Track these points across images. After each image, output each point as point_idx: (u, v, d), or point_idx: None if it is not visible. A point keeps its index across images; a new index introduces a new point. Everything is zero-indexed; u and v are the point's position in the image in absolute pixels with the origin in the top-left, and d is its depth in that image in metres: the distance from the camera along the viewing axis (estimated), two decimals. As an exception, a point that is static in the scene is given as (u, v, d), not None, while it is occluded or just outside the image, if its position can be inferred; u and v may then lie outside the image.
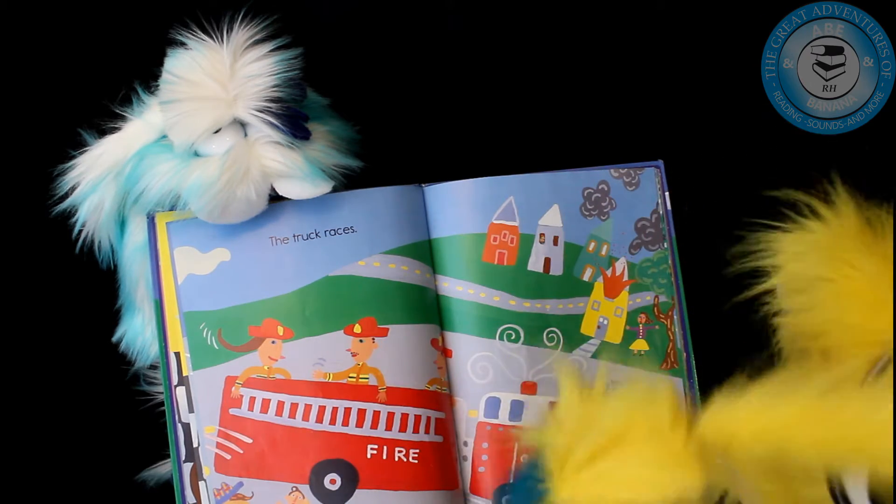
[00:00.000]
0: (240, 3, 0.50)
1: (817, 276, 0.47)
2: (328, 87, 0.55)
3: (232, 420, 0.51)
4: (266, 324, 0.52)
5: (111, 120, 0.53)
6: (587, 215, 0.55)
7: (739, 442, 0.39)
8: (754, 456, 0.39)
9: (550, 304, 0.54)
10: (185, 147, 0.50)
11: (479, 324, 0.54)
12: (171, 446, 0.52)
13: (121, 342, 0.57)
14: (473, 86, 0.64)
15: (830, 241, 0.47)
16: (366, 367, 0.52)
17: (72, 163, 0.53)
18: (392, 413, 0.52)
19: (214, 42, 0.49)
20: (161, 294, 0.53)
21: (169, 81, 0.49)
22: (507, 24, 0.64)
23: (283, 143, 0.50)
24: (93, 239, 0.54)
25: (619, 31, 0.64)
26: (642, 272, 0.55)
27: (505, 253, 0.54)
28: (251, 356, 0.52)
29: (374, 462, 0.51)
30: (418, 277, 0.53)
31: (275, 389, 0.51)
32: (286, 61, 0.49)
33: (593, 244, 0.55)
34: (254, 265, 0.52)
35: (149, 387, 0.57)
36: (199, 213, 0.50)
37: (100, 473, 0.59)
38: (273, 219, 0.52)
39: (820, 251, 0.47)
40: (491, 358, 0.53)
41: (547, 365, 0.53)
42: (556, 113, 0.64)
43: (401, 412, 0.52)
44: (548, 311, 0.54)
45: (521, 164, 0.56)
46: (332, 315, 0.52)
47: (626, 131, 0.63)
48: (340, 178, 0.53)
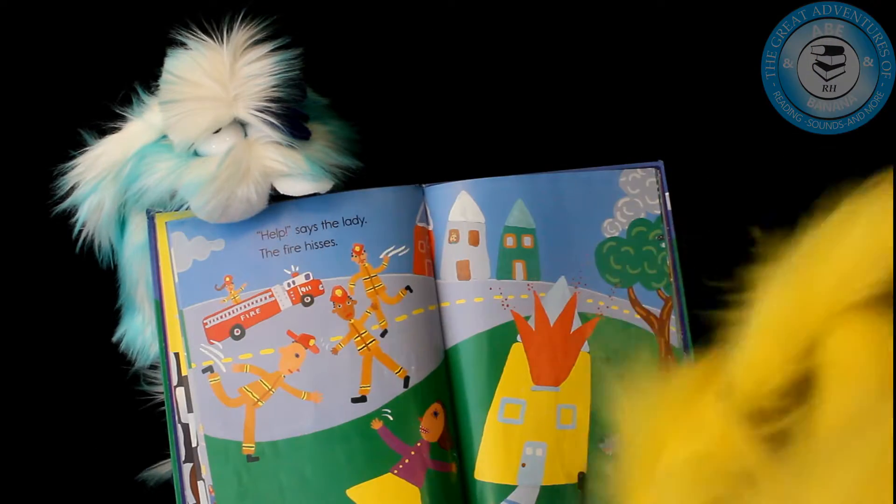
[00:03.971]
0: (240, 3, 0.50)
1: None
2: (328, 87, 0.55)
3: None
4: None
5: (111, 120, 0.53)
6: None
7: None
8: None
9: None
10: (185, 147, 0.50)
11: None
12: (171, 446, 0.52)
13: (121, 342, 0.57)
14: (474, 86, 0.64)
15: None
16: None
17: (72, 163, 0.53)
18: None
19: (214, 42, 0.49)
20: (161, 294, 0.53)
21: (169, 81, 0.49)
22: (507, 24, 0.64)
23: (283, 143, 0.50)
24: (93, 239, 0.54)
25: (620, 31, 0.64)
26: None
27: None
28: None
29: None
30: None
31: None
32: (286, 61, 0.49)
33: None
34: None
35: (149, 387, 0.57)
36: (199, 212, 0.50)
37: (100, 473, 0.59)
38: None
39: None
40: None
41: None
42: (557, 113, 0.64)
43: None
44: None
45: (522, 165, 0.56)
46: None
47: (626, 131, 0.63)
48: (340, 178, 0.53)
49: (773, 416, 0.38)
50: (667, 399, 0.40)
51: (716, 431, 0.38)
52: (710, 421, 0.39)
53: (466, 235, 0.55)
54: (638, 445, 0.40)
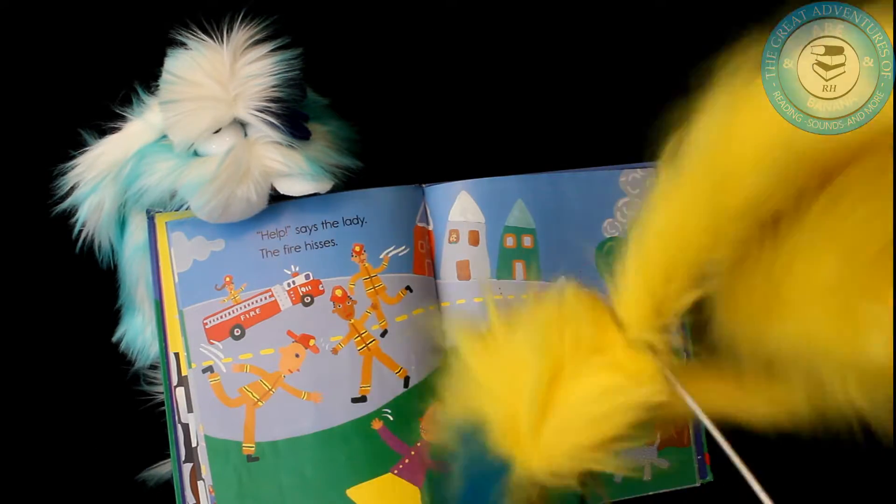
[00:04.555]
0: (240, 3, 0.50)
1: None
2: (328, 87, 0.55)
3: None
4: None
5: (111, 120, 0.53)
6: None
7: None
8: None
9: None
10: (185, 147, 0.50)
11: None
12: (171, 446, 0.52)
13: (121, 342, 0.57)
14: (474, 86, 0.64)
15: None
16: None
17: (72, 163, 0.53)
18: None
19: (214, 42, 0.49)
20: (161, 294, 0.53)
21: (169, 81, 0.49)
22: (507, 24, 0.64)
23: (283, 143, 0.50)
24: (93, 239, 0.54)
25: (620, 30, 0.64)
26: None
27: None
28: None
29: None
30: None
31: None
32: (286, 61, 0.49)
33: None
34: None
35: (149, 387, 0.57)
36: (199, 212, 0.50)
37: (100, 473, 0.59)
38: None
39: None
40: None
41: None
42: (558, 113, 0.64)
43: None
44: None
45: (523, 165, 0.56)
46: None
47: (626, 131, 0.63)
48: (340, 178, 0.53)
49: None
50: (561, 332, 0.38)
51: (618, 363, 0.37)
52: (611, 354, 0.37)
53: (466, 235, 0.55)
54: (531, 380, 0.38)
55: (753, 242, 0.36)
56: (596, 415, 0.37)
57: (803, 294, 0.35)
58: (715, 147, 0.35)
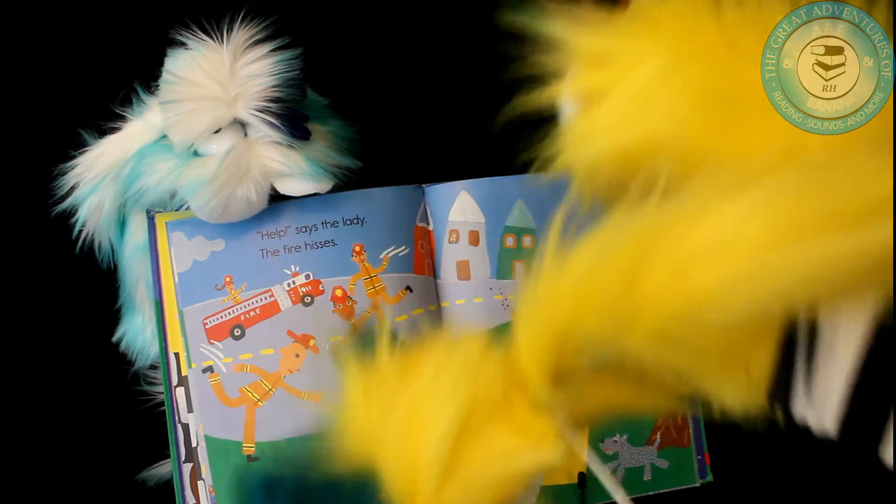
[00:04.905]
0: (240, 3, 0.50)
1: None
2: (328, 87, 0.55)
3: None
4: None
5: (111, 120, 0.53)
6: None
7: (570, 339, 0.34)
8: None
9: None
10: (185, 147, 0.50)
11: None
12: (171, 446, 0.52)
13: (121, 342, 0.57)
14: (474, 86, 0.64)
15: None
16: None
17: (72, 163, 0.53)
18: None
19: (214, 42, 0.49)
20: (161, 294, 0.53)
21: (169, 81, 0.49)
22: (507, 24, 0.64)
23: (283, 143, 0.50)
24: (93, 239, 0.54)
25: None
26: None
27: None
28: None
29: None
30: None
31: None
32: (286, 61, 0.49)
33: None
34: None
35: (149, 387, 0.57)
36: (199, 212, 0.50)
37: (100, 473, 0.59)
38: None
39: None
40: None
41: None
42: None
43: None
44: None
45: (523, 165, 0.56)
46: None
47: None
48: (340, 178, 0.53)
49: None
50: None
51: (520, 424, 0.36)
52: (512, 414, 0.36)
53: (466, 235, 0.55)
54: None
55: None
56: (497, 477, 0.36)
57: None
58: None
